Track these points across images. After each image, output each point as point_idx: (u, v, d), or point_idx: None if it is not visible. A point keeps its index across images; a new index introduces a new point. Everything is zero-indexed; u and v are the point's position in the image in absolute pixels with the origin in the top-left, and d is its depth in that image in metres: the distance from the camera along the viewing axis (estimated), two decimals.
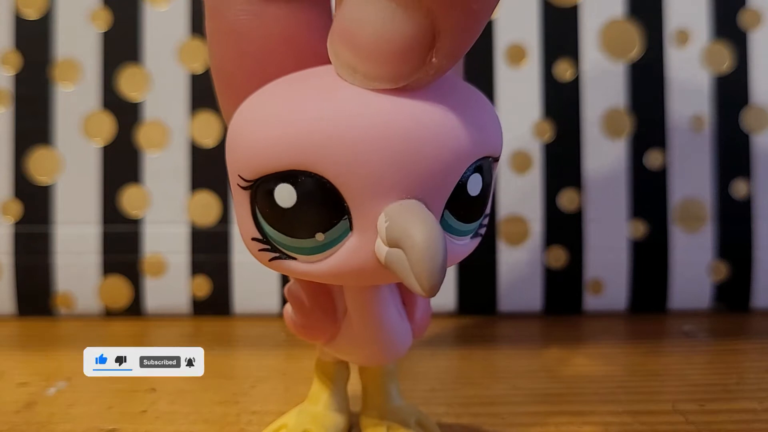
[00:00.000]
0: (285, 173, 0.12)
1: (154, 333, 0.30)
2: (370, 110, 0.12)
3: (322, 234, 0.12)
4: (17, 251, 0.32)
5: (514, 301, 0.32)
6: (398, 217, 0.11)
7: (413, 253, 0.11)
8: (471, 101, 0.13)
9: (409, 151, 0.11)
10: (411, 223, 0.11)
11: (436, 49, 0.11)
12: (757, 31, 0.32)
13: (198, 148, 0.32)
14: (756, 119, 0.32)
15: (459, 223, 0.13)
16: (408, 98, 0.12)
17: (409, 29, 0.11)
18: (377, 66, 0.11)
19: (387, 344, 0.16)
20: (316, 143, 0.11)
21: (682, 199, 0.32)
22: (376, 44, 0.11)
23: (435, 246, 0.11)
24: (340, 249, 0.12)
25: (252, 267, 0.32)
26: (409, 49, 0.11)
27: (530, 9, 0.32)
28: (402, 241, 0.11)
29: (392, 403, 0.18)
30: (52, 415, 0.20)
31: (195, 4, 0.32)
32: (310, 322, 0.16)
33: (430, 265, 0.11)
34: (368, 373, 0.18)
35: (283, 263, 0.13)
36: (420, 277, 0.11)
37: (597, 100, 0.32)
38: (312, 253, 0.12)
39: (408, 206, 0.11)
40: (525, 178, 0.32)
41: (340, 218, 0.12)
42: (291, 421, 0.18)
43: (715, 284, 0.32)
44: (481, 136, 0.12)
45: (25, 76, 0.32)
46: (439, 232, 0.11)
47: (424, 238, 0.11)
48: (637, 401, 0.20)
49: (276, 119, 0.12)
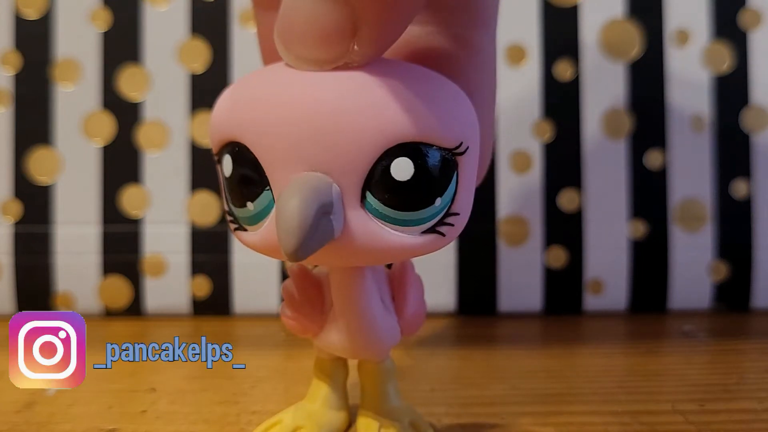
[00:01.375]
0: (227, 144, 0.13)
1: (154, 333, 0.30)
2: (289, 89, 0.12)
3: (251, 203, 0.13)
4: (17, 251, 0.32)
5: (514, 301, 0.32)
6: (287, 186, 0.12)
7: (276, 215, 0.12)
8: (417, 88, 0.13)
9: (315, 127, 0.12)
10: (287, 190, 0.12)
11: (357, 37, 0.12)
12: (757, 31, 0.32)
13: (198, 148, 0.32)
14: (756, 119, 0.32)
15: (389, 209, 0.13)
16: (330, 80, 0.12)
17: (331, 17, 0.12)
18: (305, 49, 0.12)
19: (369, 335, 0.16)
20: (243, 117, 0.13)
21: (682, 199, 0.32)
22: (304, 29, 0.12)
23: (293, 209, 0.11)
24: (268, 219, 0.13)
25: (252, 267, 0.32)
26: (331, 36, 0.12)
27: (530, 9, 0.32)
28: (276, 206, 0.12)
29: (389, 402, 0.18)
30: (52, 415, 0.20)
31: (195, 4, 0.32)
32: (299, 315, 0.17)
33: (284, 225, 0.11)
34: (366, 372, 0.18)
35: (239, 234, 0.14)
36: (280, 237, 0.11)
37: (597, 100, 0.32)
38: (251, 223, 0.13)
39: (301, 177, 0.12)
40: (525, 178, 0.32)
41: (263, 188, 0.13)
42: (286, 418, 0.18)
43: (715, 284, 0.32)
44: (413, 121, 0.12)
45: (25, 76, 0.32)
46: (309, 198, 0.11)
47: (285, 200, 0.11)
48: (637, 401, 0.21)
49: (225, 99, 0.14)
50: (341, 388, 0.18)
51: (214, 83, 0.32)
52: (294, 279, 0.17)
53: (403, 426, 0.17)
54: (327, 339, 0.17)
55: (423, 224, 0.13)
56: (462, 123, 0.13)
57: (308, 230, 0.11)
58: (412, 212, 0.13)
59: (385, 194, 0.12)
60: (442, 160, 0.13)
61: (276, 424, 0.18)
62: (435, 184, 0.13)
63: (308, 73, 0.12)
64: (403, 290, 0.17)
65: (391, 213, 0.13)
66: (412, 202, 0.13)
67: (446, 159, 0.13)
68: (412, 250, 0.13)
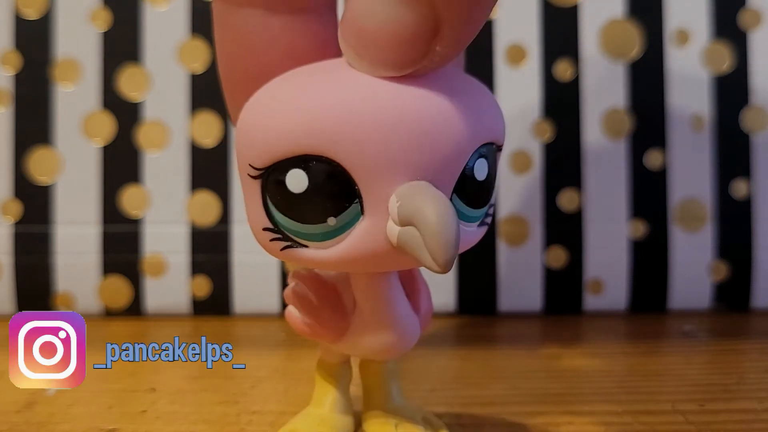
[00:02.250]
0: (296, 159, 0.12)
1: (154, 333, 0.30)
2: (378, 95, 0.12)
3: (334, 218, 0.12)
4: (17, 251, 0.32)
5: (514, 301, 0.32)
6: (410, 196, 0.12)
7: (426, 228, 0.11)
8: (472, 89, 0.13)
9: (417, 133, 0.12)
10: (422, 200, 0.11)
11: (439, 38, 0.11)
12: (757, 31, 0.32)
13: (198, 148, 0.32)
14: (756, 119, 0.32)
15: (467, 207, 0.13)
16: (413, 85, 0.12)
17: (413, 19, 0.11)
18: (383, 53, 0.12)
19: (400, 332, 0.16)
20: (326, 128, 0.12)
21: (682, 199, 0.32)
22: (382, 33, 0.11)
23: (447, 220, 0.11)
24: (352, 233, 0.13)
25: (252, 267, 0.32)
26: (412, 38, 0.11)
27: (530, 9, 0.32)
28: (415, 218, 0.11)
29: (395, 402, 0.17)
30: (52, 415, 0.20)
31: (195, 4, 0.32)
32: (319, 320, 0.16)
33: (443, 238, 0.11)
34: (370, 373, 0.18)
35: (295, 252, 0.13)
36: (434, 251, 0.11)
37: (597, 100, 0.32)
38: (324, 239, 0.13)
39: (418, 186, 0.12)
40: (525, 178, 0.32)
41: (351, 202, 0.12)
42: (299, 425, 0.17)
43: (715, 284, 0.32)
44: (483, 122, 0.13)
45: (25, 76, 0.32)
46: (451, 207, 0.12)
47: (437, 212, 0.11)
48: (637, 401, 0.20)
49: (287, 106, 0.12)
50: (347, 392, 0.18)
51: (214, 83, 0.31)
52: (310, 284, 0.16)
53: (417, 423, 0.17)
54: (351, 341, 0.16)
55: (482, 217, 0.14)
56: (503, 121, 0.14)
57: (458, 240, 0.11)
58: (483, 208, 0.14)
59: (468, 195, 0.13)
60: (495, 156, 0.14)
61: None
62: (495, 180, 0.14)
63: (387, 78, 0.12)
64: (415, 287, 0.16)
65: (467, 210, 0.13)
66: (485, 199, 0.14)
67: (497, 155, 0.14)
68: (472, 242, 0.14)
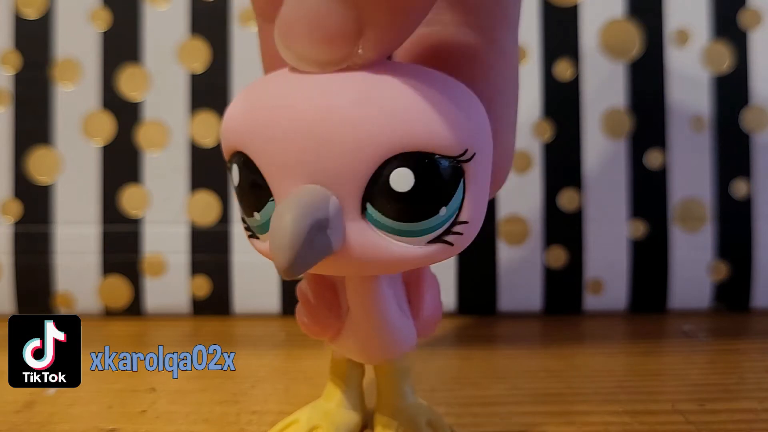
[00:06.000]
0: (234, 154, 0.13)
1: (154, 333, 0.30)
2: (289, 96, 0.12)
3: (258, 213, 0.13)
4: (17, 251, 0.32)
5: (514, 301, 0.32)
6: (283, 200, 0.12)
7: (271, 232, 0.11)
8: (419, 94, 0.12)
9: (313, 135, 0.12)
10: (280, 206, 0.12)
11: (362, 40, 0.12)
12: (757, 31, 0.32)
13: (198, 148, 0.32)
14: (756, 119, 0.32)
15: (389, 220, 0.12)
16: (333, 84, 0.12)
17: (336, 18, 0.11)
18: (307, 49, 0.12)
19: (387, 339, 0.16)
20: (242, 126, 0.13)
21: (682, 199, 0.32)
22: (307, 28, 0.12)
23: (285, 226, 0.11)
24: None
25: (252, 267, 0.32)
26: (335, 37, 0.12)
27: (530, 9, 0.32)
28: (271, 222, 0.12)
29: (405, 401, 0.18)
30: (52, 415, 0.20)
31: (195, 4, 0.32)
32: (315, 318, 0.16)
33: (277, 243, 0.11)
34: (382, 372, 0.18)
35: (253, 241, 0.14)
36: (273, 255, 0.11)
37: (597, 100, 0.32)
38: (261, 231, 0.13)
39: (295, 192, 0.12)
40: (525, 178, 0.32)
41: (268, 199, 0.13)
42: (302, 417, 0.18)
43: (715, 284, 0.32)
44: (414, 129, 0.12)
45: (25, 76, 0.32)
46: (301, 216, 0.11)
47: (277, 217, 0.11)
48: (637, 401, 0.20)
49: (235, 107, 0.13)
50: (357, 388, 0.18)
51: (214, 83, 0.32)
52: (309, 283, 0.16)
53: (418, 425, 0.17)
54: (343, 342, 0.16)
55: (428, 234, 0.13)
56: (468, 128, 0.12)
57: (300, 248, 0.11)
58: (415, 223, 0.12)
59: (385, 205, 0.12)
60: (445, 168, 0.12)
61: (292, 423, 0.18)
62: (438, 193, 0.12)
63: (307, 79, 0.12)
64: (419, 292, 0.16)
65: (392, 224, 0.12)
66: (413, 213, 0.12)
67: (450, 167, 0.12)
68: (417, 260, 0.13)
